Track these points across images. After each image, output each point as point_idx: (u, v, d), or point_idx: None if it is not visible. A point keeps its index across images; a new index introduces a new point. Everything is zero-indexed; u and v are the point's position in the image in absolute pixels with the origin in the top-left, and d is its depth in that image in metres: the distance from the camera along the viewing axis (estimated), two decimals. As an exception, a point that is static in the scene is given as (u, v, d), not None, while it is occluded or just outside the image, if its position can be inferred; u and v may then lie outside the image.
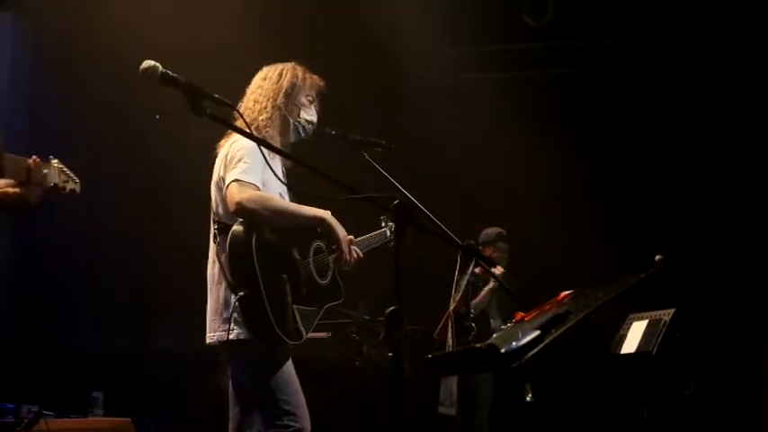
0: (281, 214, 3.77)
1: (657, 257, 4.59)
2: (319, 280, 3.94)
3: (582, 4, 7.70)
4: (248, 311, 3.63)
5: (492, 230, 7.06)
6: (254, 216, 3.66)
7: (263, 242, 3.66)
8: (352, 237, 4.08)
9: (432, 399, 5.86)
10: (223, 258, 3.70)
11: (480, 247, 6.95)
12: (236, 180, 3.67)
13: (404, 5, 7.19)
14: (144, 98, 6.21)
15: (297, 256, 3.85)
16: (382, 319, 2.72)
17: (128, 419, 6.14)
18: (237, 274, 3.65)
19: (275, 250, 3.74)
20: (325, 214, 3.87)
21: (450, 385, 5.56)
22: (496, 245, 7.00)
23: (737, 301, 7.55)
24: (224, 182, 3.74)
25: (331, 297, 4.01)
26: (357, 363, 6.53)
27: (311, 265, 3.90)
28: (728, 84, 7.68)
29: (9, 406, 5.24)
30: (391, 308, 2.71)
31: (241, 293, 3.60)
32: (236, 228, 3.66)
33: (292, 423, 3.68)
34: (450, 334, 4.76)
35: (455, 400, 5.47)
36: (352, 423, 6.48)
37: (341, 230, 3.91)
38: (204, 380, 6.81)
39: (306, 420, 3.73)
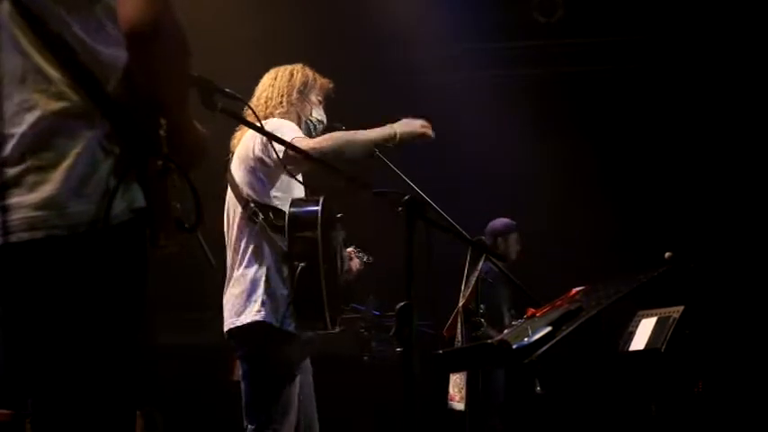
0: (354, 143, 3.72)
1: (667, 254, 4.60)
2: (345, 274, 3.98)
3: (592, 1, 7.68)
4: (303, 286, 3.57)
5: (501, 222, 7.03)
6: (334, 152, 3.62)
7: (325, 223, 3.65)
8: (353, 248, 4.15)
9: (441, 394, 5.85)
10: (272, 233, 3.66)
11: (498, 239, 6.93)
12: (294, 138, 3.64)
13: (414, 2, 7.18)
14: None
15: (340, 245, 3.89)
16: (392, 314, 2.72)
17: (137, 413, 6.15)
18: (299, 247, 3.61)
19: (330, 237, 3.74)
20: (394, 128, 3.79)
21: (460, 380, 5.55)
22: (508, 237, 6.98)
23: (747, 299, 7.54)
24: (277, 146, 3.62)
25: (349, 295, 4.09)
26: (365, 358, 6.54)
27: (344, 257, 3.94)
28: (740, 80, 7.66)
29: (20, 399, 5.26)
30: (402, 303, 2.71)
31: (302, 264, 3.56)
32: (298, 201, 3.69)
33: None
34: (459, 330, 4.75)
35: (464, 395, 5.46)
36: (360, 418, 6.48)
37: (414, 124, 3.85)
38: (211, 374, 6.83)
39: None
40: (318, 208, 3.63)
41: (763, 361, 7.54)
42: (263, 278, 3.65)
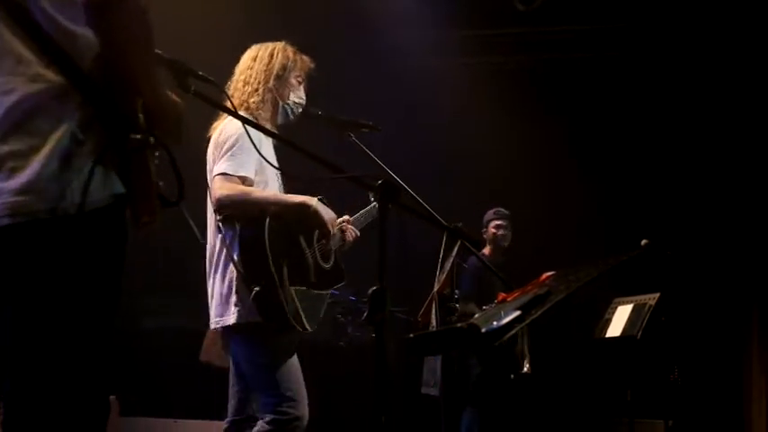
0: (263, 206, 3.71)
1: (643, 242, 4.62)
2: (323, 264, 3.96)
3: (572, -12, 7.69)
4: (264, 304, 3.61)
5: (491, 211, 7.05)
6: (233, 212, 3.67)
7: (275, 236, 3.64)
8: (347, 216, 4.12)
9: (415, 379, 5.88)
10: (233, 250, 3.67)
11: (483, 228, 6.95)
12: (221, 173, 3.66)
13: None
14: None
15: (304, 244, 3.86)
16: (366, 299, 2.70)
17: (112, 397, 6.14)
18: (252, 269, 3.63)
19: (286, 242, 3.73)
20: (311, 200, 3.83)
21: (434, 366, 5.57)
22: (493, 223, 6.98)
23: (722, 286, 7.59)
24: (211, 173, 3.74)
25: (335, 279, 4.06)
26: (342, 344, 6.55)
27: (316, 252, 3.91)
28: (717, 69, 7.69)
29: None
30: (375, 287, 2.70)
31: (257, 288, 3.58)
32: (246, 224, 3.66)
33: (291, 410, 3.67)
34: (433, 316, 4.76)
35: (439, 380, 5.47)
36: (336, 404, 6.49)
37: (327, 214, 3.88)
38: (189, 359, 6.83)
39: (305, 409, 3.72)
40: (264, 226, 3.63)
41: (737, 348, 7.61)
42: (235, 282, 3.68)
